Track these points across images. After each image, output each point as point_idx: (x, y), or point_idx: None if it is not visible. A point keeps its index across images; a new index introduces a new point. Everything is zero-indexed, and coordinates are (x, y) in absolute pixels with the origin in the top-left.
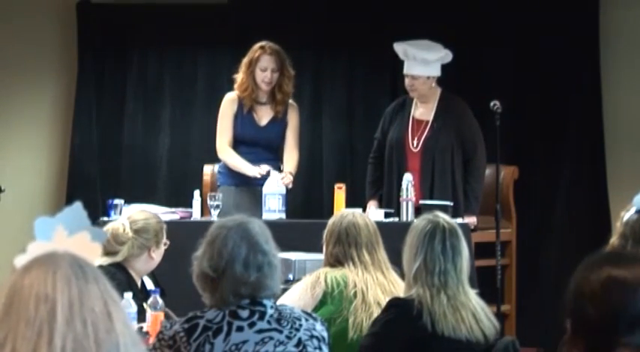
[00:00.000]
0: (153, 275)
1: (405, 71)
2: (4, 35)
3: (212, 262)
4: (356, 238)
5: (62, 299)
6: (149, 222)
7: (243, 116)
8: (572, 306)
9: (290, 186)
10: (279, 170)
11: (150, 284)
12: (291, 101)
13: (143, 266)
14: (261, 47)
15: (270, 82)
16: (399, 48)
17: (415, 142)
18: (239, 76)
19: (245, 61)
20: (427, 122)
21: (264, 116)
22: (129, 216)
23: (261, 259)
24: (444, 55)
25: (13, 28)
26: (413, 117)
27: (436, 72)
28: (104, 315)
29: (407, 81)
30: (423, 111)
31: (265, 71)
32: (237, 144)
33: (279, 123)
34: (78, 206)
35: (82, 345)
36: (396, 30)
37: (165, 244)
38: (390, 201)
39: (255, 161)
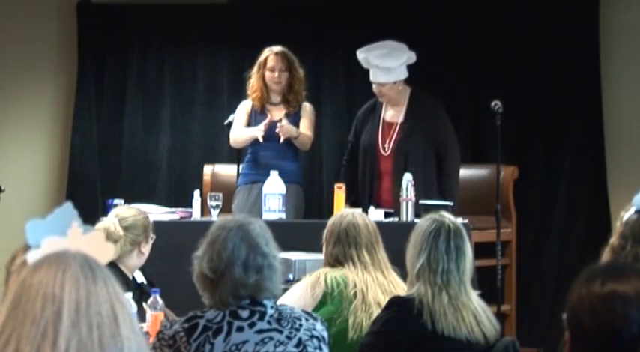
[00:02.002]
0: (141, 268)
1: (371, 79)
2: (4, 35)
3: (211, 264)
4: (356, 238)
5: (69, 301)
6: (137, 218)
7: (257, 114)
8: (572, 318)
9: (282, 132)
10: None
11: (140, 277)
12: (307, 103)
13: (135, 262)
14: (269, 50)
15: (279, 82)
16: (361, 56)
17: (386, 146)
18: (251, 80)
19: (255, 65)
20: (397, 124)
21: (277, 113)
22: (116, 214)
23: (260, 261)
24: (407, 59)
25: (13, 28)
26: (383, 120)
27: (402, 75)
28: (110, 319)
29: (374, 87)
30: (394, 113)
31: (273, 71)
32: (253, 140)
33: (291, 118)
34: (68, 206)
35: (85, 348)
36: (396, 30)
37: (151, 238)
38: (365, 204)
39: (270, 155)
